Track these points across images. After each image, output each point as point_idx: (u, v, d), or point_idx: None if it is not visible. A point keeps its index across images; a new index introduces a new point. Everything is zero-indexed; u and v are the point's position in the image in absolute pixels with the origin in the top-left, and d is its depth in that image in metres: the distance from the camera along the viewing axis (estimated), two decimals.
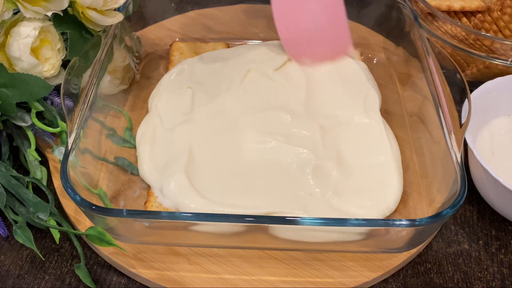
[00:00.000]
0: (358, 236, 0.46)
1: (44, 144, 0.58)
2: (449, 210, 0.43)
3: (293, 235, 0.46)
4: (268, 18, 0.74)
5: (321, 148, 0.55)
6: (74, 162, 0.47)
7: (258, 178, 0.53)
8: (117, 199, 0.53)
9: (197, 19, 0.74)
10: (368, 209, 0.51)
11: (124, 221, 0.45)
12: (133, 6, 0.65)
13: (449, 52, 0.64)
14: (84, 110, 0.50)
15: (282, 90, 0.61)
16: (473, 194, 0.56)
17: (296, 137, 0.56)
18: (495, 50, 0.60)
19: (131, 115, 0.61)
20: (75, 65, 0.52)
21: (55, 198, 0.54)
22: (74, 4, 0.55)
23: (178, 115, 0.59)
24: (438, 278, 0.51)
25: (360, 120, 0.58)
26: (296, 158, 0.54)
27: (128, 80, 0.64)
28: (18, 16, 0.54)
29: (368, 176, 0.54)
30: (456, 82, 0.53)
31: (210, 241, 0.48)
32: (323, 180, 0.53)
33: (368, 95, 0.61)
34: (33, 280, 0.50)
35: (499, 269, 0.52)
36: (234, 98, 0.60)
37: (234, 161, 0.55)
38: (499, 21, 0.62)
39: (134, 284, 0.50)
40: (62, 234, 0.52)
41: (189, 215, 0.44)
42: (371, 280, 0.49)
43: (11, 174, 0.53)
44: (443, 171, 0.49)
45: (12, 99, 0.53)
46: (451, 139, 0.49)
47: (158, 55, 0.69)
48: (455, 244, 0.53)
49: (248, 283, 0.48)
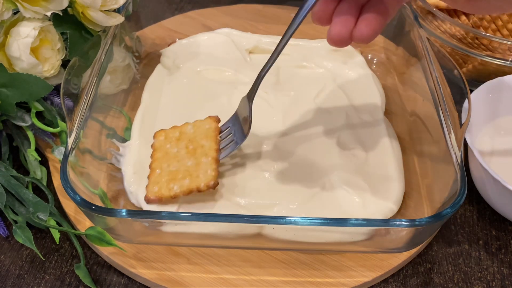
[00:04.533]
0: (358, 236, 0.46)
1: (44, 144, 0.58)
2: (449, 210, 0.43)
3: (293, 235, 0.46)
4: (268, 18, 0.74)
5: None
6: (74, 162, 0.47)
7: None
8: (117, 199, 0.53)
9: (197, 19, 0.74)
10: (370, 210, 0.51)
11: (124, 221, 0.45)
12: (133, 6, 0.65)
13: (448, 51, 0.64)
14: (84, 110, 0.50)
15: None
16: (473, 194, 0.56)
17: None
18: (493, 49, 0.60)
19: (131, 115, 0.61)
20: (75, 65, 0.52)
21: (55, 198, 0.54)
22: (74, 4, 0.55)
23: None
24: (438, 278, 0.51)
25: (363, 119, 0.59)
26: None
27: (128, 80, 0.64)
28: (18, 16, 0.54)
29: (370, 175, 0.54)
30: (456, 81, 0.53)
31: (210, 241, 0.48)
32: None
33: (372, 95, 0.61)
34: (33, 280, 0.50)
35: (499, 269, 0.52)
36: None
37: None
38: (497, 20, 0.62)
39: (134, 284, 0.50)
40: (62, 234, 0.52)
41: (189, 215, 0.44)
42: (371, 280, 0.49)
43: (11, 174, 0.53)
44: (443, 171, 0.49)
45: (12, 99, 0.53)
46: (451, 139, 0.49)
47: (158, 55, 0.69)
48: (455, 244, 0.53)
49: (248, 283, 0.48)
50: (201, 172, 0.50)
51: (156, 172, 0.52)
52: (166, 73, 0.65)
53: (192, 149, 0.52)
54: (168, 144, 0.54)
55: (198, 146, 0.52)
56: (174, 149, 0.53)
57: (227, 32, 0.70)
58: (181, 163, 0.52)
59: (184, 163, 0.51)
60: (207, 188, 0.49)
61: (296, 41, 0.69)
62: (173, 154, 0.53)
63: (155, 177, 0.51)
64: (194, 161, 0.51)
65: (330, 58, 0.67)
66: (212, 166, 0.50)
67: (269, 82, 0.64)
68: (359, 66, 0.66)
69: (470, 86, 0.53)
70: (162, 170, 0.52)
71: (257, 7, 0.75)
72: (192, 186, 0.49)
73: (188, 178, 0.50)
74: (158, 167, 0.52)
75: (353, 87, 0.63)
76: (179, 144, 0.53)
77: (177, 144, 0.53)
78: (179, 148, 0.53)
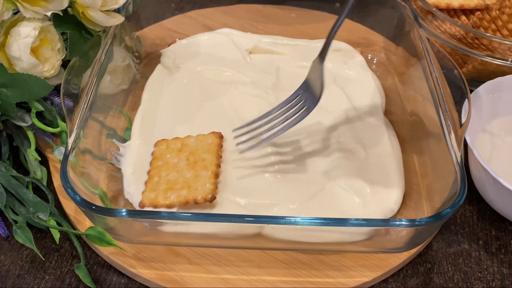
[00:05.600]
0: (358, 236, 0.46)
1: (44, 144, 0.58)
2: (449, 210, 0.43)
3: (293, 235, 0.46)
4: (268, 18, 0.74)
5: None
6: (74, 162, 0.47)
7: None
8: (117, 199, 0.53)
9: (197, 19, 0.74)
10: (370, 210, 0.51)
11: (124, 221, 0.45)
12: (133, 6, 0.65)
13: (448, 51, 0.64)
14: (84, 110, 0.50)
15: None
16: (473, 194, 0.56)
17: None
18: (493, 49, 0.60)
19: (131, 115, 0.61)
20: (75, 65, 0.52)
21: (55, 198, 0.54)
22: (74, 4, 0.55)
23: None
24: (438, 278, 0.51)
25: (363, 119, 0.59)
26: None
27: (128, 80, 0.64)
28: (18, 16, 0.54)
29: (370, 175, 0.54)
30: (456, 81, 0.53)
31: (210, 241, 0.48)
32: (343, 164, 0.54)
33: (372, 95, 0.61)
34: (33, 280, 0.50)
35: (499, 269, 0.52)
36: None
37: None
38: (497, 20, 0.62)
39: (134, 284, 0.50)
40: (62, 234, 0.52)
41: (189, 215, 0.44)
42: (371, 280, 0.49)
43: (11, 174, 0.53)
44: (443, 171, 0.49)
45: (12, 99, 0.53)
46: (451, 139, 0.49)
47: (158, 55, 0.69)
48: (455, 244, 0.53)
49: (248, 283, 0.48)
50: (200, 184, 0.50)
51: (154, 179, 0.52)
52: (166, 73, 0.65)
53: (192, 161, 0.53)
54: (168, 154, 0.54)
55: (199, 159, 0.53)
56: (175, 159, 0.53)
57: (227, 32, 0.70)
58: (180, 173, 0.52)
59: (183, 174, 0.52)
60: (204, 201, 0.49)
61: (296, 41, 0.69)
62: (173, 164, 0.53)
63: (152, 184, 0.52)
64: (193, 173, 0.52)
65: (330, 58, 0.66)
66: (211, 180, 0.51)
67: (269, 82, 0.64)
68: (359, 66, 0.66)
69: (470, 86, 0.53)
70: (161, 178, 0.52)
71: (257, 7, 0.75)
72: (189, 197, 0.50)
73: (186, 189, 0.50)
74: (157, 174, 0.52)
75: (353, 87, 0.64)
76: (180, 155, 0.54)
77: (178, 155, 0.54)
78: (179, 159, 0.53)
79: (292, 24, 0.73)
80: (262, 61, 0.67)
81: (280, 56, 0.68)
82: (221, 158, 0.54)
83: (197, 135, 0.55)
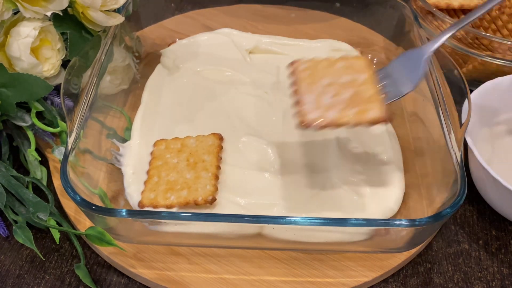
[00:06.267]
0: (358, 236, 0.46)
1: (44, 144, 0.58)
2: (449, 210, 0.43)
3: (293, 235, 0.46)
4: (268, 18, 0.74)
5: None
6: (74, 162, 0.47)
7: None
8: (117, 199, 0.53)
9: (197, 19, 0.74)
10: (370, 210, 0.51)
11: (124, 221, 0.45)
12: (133, 6, 0.65)
13: (448, 51, 0.64)
14: (84, 110, 0.50)
15: None
16: (473, 194, 0.56)
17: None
18: (493, 49, 0.60)
19: (131, 115, 0.61)
20: (75, 65, 0.52)
21: (55, 198, 0.54)
22: (74, 4, 0.55)
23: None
24: (438, 278, 0.51)
25: None
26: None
27: (128, 80, 0.64)
28: (18, 16, 0.54)
29: (370, 175, 0.54)
30: (456, 81, 0.53)
31: (210, 241, 0.49)
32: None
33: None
34: (33, 280, 0.50)
35: (499, 269, 0.52)
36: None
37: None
38: (497, 20, 0.62)
39: (134, 284, 0.50)
40: (62, 234, 0.52)
41: (189, 215, 0.44)
42: (371, 280, 0.49)
43: (11, 174, 0.53)
44: (443, 171, 0.49)
45: (12, 99, 0.53)
46: (451, 139, 0.49)
47: (158, 55, 0.69)
48: (455, 244, 0.53)
49: (248, 283, 0.48)
50: (200, 186, 0.50)
51: (154, 179, 0.52)
52: (166, 73, 0.66)
53: (192, 162, 0.53)
54: (168, 154, 0.54)
55: (199, 160, 0.53)
56: (174, 160, 0.53)
57: (227, 32, 0.70)
58: (180, 174, 0.52)
59: (183, 174, 0.52)
60: (204, 202, 0.49)
61: (296, 41, 0.69)
62: (173, 165, 0.53)
63: (152, 185, 0.52)
64: (193, 174, 0.52)
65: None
66: (211, 181, 0.51)
67: (269, 82, 0.64)
68: None
69: (470, 86, 0.53)
70: (160, 179, 0.52)
71: (257, 7, 0.75)
72: (190, 198, 0.50)
73: (186, 190, 0.50)
74: (156, 174, 0.52)
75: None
76: (180, 156, 0.53)
77: (177, 155, 0.54)
78: (179, 160, 0.53)
79: (292, 24, 0.73)
80: (262, 61, 0.67)
81: (280, 56, 0.68)
82: (221, 160, 0.54)
83: (197, 136, 0.55)
